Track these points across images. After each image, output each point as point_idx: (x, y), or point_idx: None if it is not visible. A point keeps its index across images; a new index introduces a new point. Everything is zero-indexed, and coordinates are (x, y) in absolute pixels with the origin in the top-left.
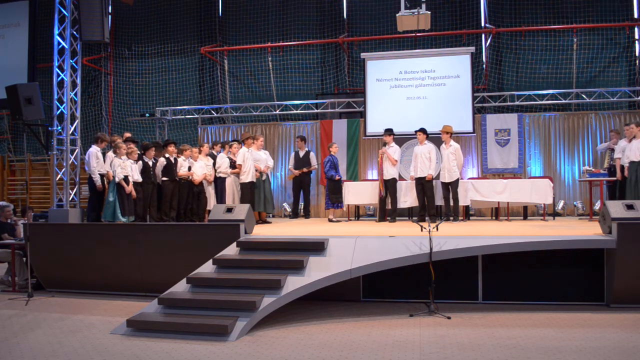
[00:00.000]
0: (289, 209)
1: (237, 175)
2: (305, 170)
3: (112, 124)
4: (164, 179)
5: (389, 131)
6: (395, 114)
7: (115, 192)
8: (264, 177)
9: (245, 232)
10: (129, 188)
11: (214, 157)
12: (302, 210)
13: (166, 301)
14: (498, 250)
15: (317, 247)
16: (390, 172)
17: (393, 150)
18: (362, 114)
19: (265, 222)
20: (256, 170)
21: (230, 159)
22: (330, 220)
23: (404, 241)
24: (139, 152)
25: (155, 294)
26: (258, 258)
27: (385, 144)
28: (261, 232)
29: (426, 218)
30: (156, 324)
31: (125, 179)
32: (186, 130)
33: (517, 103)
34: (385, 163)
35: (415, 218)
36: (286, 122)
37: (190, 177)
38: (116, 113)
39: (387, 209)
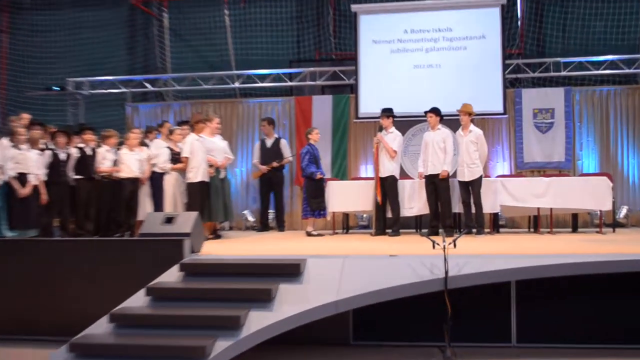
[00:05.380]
0: (252, 219)
1: (182, 172)
2: (275, 165)
3: (7, 101)
4: (78, 177)
5: (387, 112)
6: (397, 89)
7: (2, 196)
8: (221, 175)
9: (192, 251)
10: (25, 190)
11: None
12: (272, 220)
13: (78, 348)
14: (538, 275)
15: (290, 270)
16: (387, 168)
17: (392, 137)
18: (353, 89)
19: (218, 236)
20: (210, 166)
21: (172, 150)
22: (309, 234)
23: (409, 262)
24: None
25: (65, 338)
26: (209, 287)
27: (381, 129)
28: (214, 250)
29: (440, 230)
30: None
31: (22, 177)
32: (110, 110)
33: (563, 73)
34: (381, 155)
35: (425, 230)
36: (249, 99)
37: (116, 175)
38: (11, 86)
39: (386, 218)
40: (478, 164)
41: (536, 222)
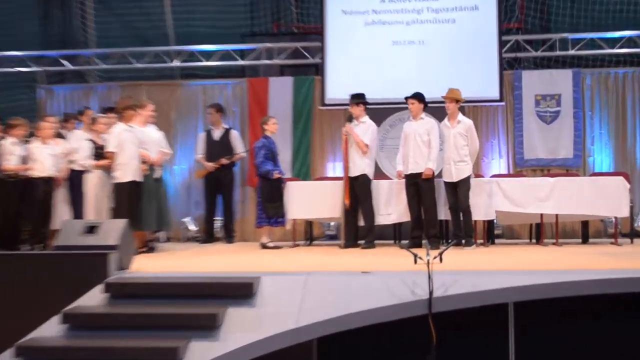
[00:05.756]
0: (194, 228)
1: (108, 170)
2: (224, 161)
3: None
4: None
5: (357, 98)
6: (372, 70)
7: None
8: (157, 174)
9: (120, 268)
10: None
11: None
12: (219, 230)
13: None
14: (542, 295)
15: (241, 291)
16: (358, 165)
17: (363, 128)
18: (319, 69)
19: (151, 249)
20: (142, 162)
21: (95, 143)
22: (264, 246)
23: (386, 280)
24: None
25: None
26: (140, 312)
27: (351, 119)
28: (147, 266)
29: (423, 241)
30: None
31: None
32: (17, 93)
33: (572, 52)
34: (351, 150)
35: (405, 242)
36: (191, 80)
37: (26, 173)
38: None
39: (358, 227)
40: (467, 161)
41: (539, 232)
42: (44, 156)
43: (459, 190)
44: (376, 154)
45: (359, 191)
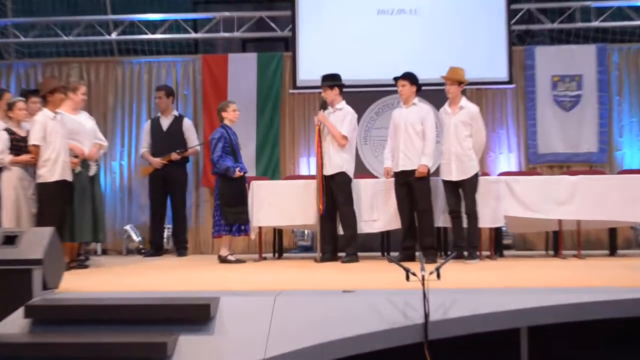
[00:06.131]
0: (137, 237)
1: (30, 166)
2: (174, 157)
3: None
4: None
5: (330, 80)
6: (354, 45)
7: None
8: (91, 171)
9: (45, 287)
10: None
11: None
12: (168, 240)
13: None
14: (561, 318)
15: (195, 314)
16: (335, 162)
17: (339, 116)
18: (289, 44)
19: (85, 264)
20: (74, 157)
21: (14, 134)
22: (224, 260)
23: (372, 300)
24: None
25: None
26: (71, 341)
27: (325, 106)
28: (79, 285)
29: (417, 254)
30: None
31: None
32: None
33: (595, 24)
34: (325, 143)
35: (394, 254)
36: (132, 57)
37: None
38: None
39: (337, 236)
40: (472, 156)
41: (557, 242)
42: None
43: (465, 193)
44: (358, 148)
45: (336, 193)
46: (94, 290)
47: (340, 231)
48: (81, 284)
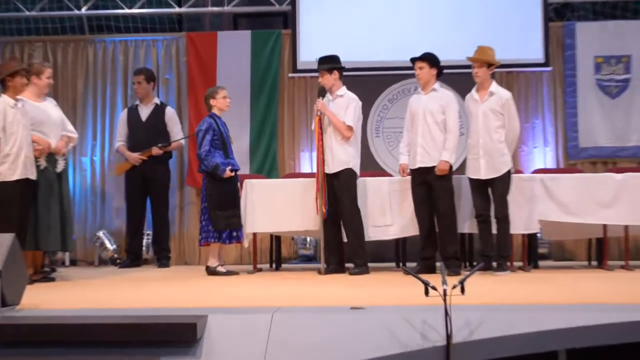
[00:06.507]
0: (111, 246)
1: None
2: (155, 151)
3: None
4: None
5: (329, 62)
6: (363, 21)
7: None
8: (58, 167)
9: (4, 304)
10: None
11: None
12: (147, 249)
13: None
14: (605, 340)
15: (180, 335)
16: (339, 157)
17: (341, 104)
18: (288, 20)
19: (51, 277)
20: (38, 151)
21: None
22: (212, 272)
23: (385, 319)
24: None
25: None
26: None
27: (322, 93)
28: (44, 302)
29: (438, 264)
30: None
31: None
32: None
33: None
34: (327, 136)
35: (411, 266)
36: (105, 35)
37: None
38: None
39: (343, 244)
40: (503, 151)
41: (601, 250)
42: None
43: (494, 193)
44: (368, 141)
45: (341, 193)
46: (61, 307)
47: (346, 237)
48: (46, 300)
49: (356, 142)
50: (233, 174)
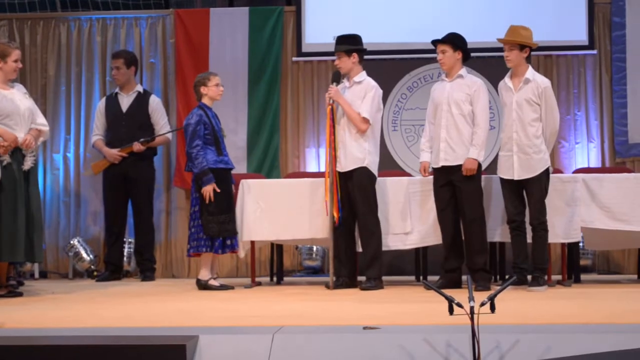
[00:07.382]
0: (88, 256)
1: None
2: (137, 147)
3: None
4: None
5: (348, 42)
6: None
7: None
8: (26, 165)
9: None
10: None
11: None
12: (129, 259)
13: None
14: None
15: (166, 358)
16: (352, 154)
17: (358, 92)
18: None
19: (18, 291)
20: (3, 146)
21: None
22: (204, 286)
23: (403, 340)
24: None
25: None
26: None
27: (337, 79)
28: (9, 319)
29: (464, 277)
30: None
31: None
32: None
33: None
34: (340, 129)
35: (433, 279)
36: (81, 13)
37: None
38: None
39: (355, 254)
40: (541, 147)
41: None
42: None
43: (529, 196)
44: (383, 135)
45: (355, 196)
46: (29, 327)
47: (360, 248)
48: (13, 317)
49: (374, 136)
50: (219, 190)
